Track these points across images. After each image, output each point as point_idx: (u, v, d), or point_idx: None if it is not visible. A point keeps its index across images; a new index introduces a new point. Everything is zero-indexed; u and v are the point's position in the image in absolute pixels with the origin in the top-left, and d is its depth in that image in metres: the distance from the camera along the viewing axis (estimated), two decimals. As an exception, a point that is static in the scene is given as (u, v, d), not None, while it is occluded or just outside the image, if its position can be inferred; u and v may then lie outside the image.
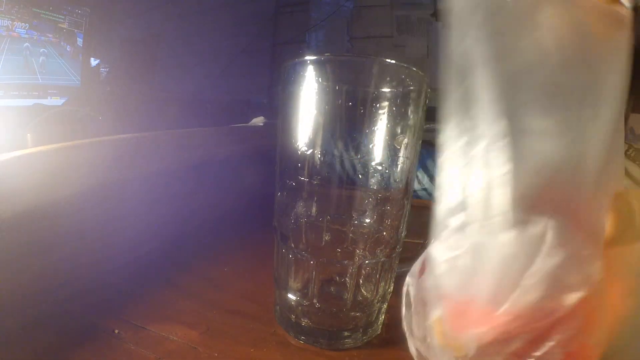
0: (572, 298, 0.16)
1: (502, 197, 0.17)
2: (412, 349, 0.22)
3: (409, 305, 0.23)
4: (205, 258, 0.38)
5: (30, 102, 0.83)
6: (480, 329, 0.17)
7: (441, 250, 0.20)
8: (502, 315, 0.17)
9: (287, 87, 0.25)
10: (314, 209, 0.26)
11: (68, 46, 0.91)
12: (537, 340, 0.17)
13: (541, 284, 0.16)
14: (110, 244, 0.34)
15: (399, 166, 0.25)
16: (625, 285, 0.18)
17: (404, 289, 0.23)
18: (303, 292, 0.27)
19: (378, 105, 0.23)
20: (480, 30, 0.17)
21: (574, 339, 0.16)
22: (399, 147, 0.24)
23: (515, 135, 0.16)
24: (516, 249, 0.17)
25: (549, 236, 0.16)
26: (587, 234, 0.17)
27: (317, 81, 0.24)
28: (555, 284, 0.16)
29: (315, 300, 0.26)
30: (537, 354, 0.17)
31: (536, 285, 0.16)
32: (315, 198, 0.25)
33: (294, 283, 0.27)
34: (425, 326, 0.21)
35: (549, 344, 0.16)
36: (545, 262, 0.16)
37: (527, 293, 0.16)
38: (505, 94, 0.16)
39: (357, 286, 0.26)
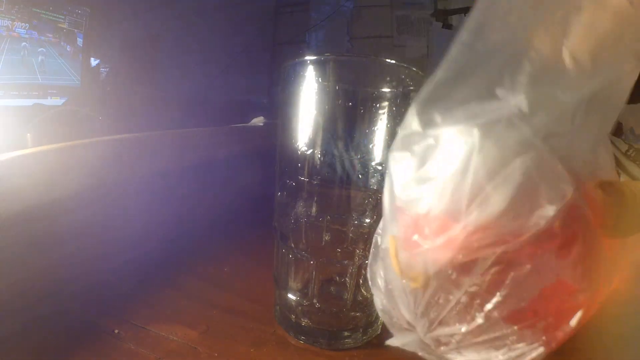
0: (543, 215, 0.13)
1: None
2: (378, 304, 0.20)
3: (375, 255, 0.21)
4: (205, 258, 0.38)
5: (30, 102, 0.83)
6: (436, 245, 0.15)
7: (398, 156, 0.17)
8: (461, 228, 0.14)
9: (287, 87, 0.25)
10: (314, 209, 0.26)
11: (68, 46, 0.91)
12: (504, 270, 0.14)
13: (506, 192, 0.14)
14: (110, 243, 0.34)
15: (399, 166, 0.25)
16: (624, 278, 0.17)
17: (374, 240, 0.21)
18: (303, 292, 0.27)
19: (378, 105, 0.23)
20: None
21: (551, 271, 0.14)
22: (399, 147, 0.24)
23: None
24: (482, 149, 0.14)
25: (518, 143, 0.14)
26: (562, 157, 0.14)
27: (317, 81, 0.24)
28: (523, 195, 0.14)
29: (315, 300, 0.26)
30: (505, 288, 0.14)
31: (500, 194, 0.14)
32: (315, 198, 0.25)
33: (294, 283, 0.27)
34: (387, 268, 0.18)
35: (519, 275, 0.14)
36: (512, 168, 0.14)
37: (489, 202, 0.14)
38: None
39: (357, 286, 0.26)
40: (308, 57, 0.24)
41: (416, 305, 0.17)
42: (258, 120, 0.73)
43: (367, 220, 0.26)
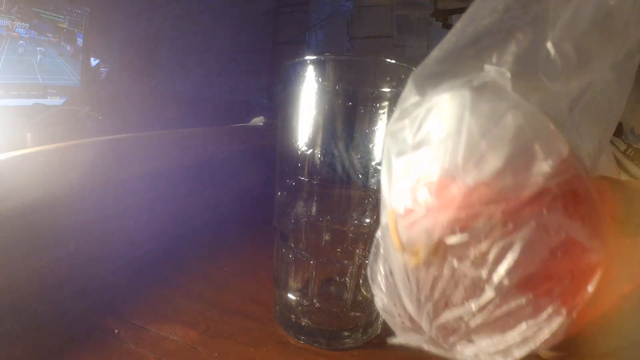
0: (541, 171, 0.13)
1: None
2: (378, 304, 0.20)
3: (376, 256, 0.20)
4: (205, 258, 0.38)
5: (30, 102, 0.83)
6: (435, 207, 0.14)
7: (395, 127, 0.17)
8: (459, 187, 0.14)
9: (287, 87, 0.25)
10: (314, 209, 0.25)
11: (68, 46, 0.91)
12: (510, 232, 0.14)
13: (501, 149, 0.14)
14: (110, 243, 0.34)
15: (399, 166, 0.25)
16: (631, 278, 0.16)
17: (374, 241, 0.21)
18: (303, 292, 0.27)
19: (378, 105, 0.23)
20: None
21: (559, 229, 0.14)
22: (399, 147, 0.24)
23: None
24: (474, 109, 0.14)
25: (509, 103, 0.14)
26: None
27: (317, 81, 0.24)
28: (518, 151, 0.14)
29: (315, 300, 0.26)
30: (513, 251, 0.13)
31: (495, 151, 0.14)
32: (315, 198, 0.25)
33: (294, 283, 0.27)
34: (387, 251, 0.18)
35: (526, 235, 0.13)
36: (504, 125, 0.14)
37: (485, 159, 0.14)
38: None
39: (357, 286, 0.26)
40: (308, 57, 0.24)
41: (419, 289, 0.16)
42: (258, 120, 0.73)
43: (367, 220, 0.26)
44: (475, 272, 0.14)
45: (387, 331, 0.28)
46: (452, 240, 0.14)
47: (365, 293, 0.27)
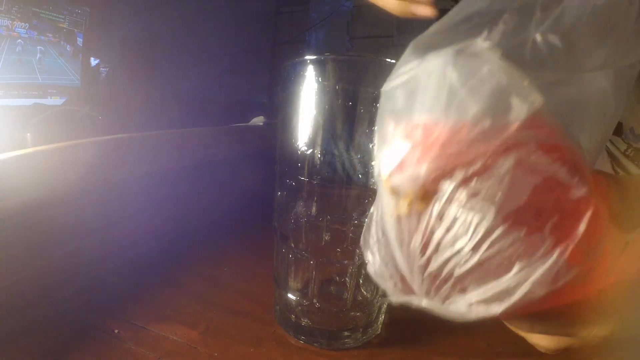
0: (516, 117, 0.15)
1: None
2: (371, 270, 0.20)
3: (369, 223, 0.21)
4: (205, 258, 0.38)
5: (30, 101, 0.83)
6: (422, 146, 0.16)
7: (390, 86, 0.19)
8: (442, 128, 0.15)
9: (287, 87, 0.25)
10: (314, 209, 0.25)
11: (68, 46, 0.91)
12: (496, 167, 0.15)
13: (480, 94, 0.15)
14: (110, 243, 0.34)
15: (399, 166, 0.25)
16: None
17: (369, 214, 0.22)
18: (303, 292, 0.27)
19: (378, 105, 0.23)
20: None
21: (541, 166, 0.15)
22: (399, 147, 0.24)
23: None
24: (456, 64, 0.16)
25: (488, 66, 0.16)
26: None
27: (317, 81, 0.24)
28: (495, 98, 0.15)
29: (315, 300, 0.26)
30: (499, 187, 0.14)
31: (474, 96, 0.15)
32: (315, 198, 0.25)
33: (294, 283, 0.27)
34: (380, 204, 0.19)
35: (510, 171, 0.14)
36: (482, 75, 0.15)
37: (465, 104, 0.15)
38: None
39: (357, 286, 0.26)
40: (308, 57, 0.24)
41: (410, 236, 0.16)
42: (258, 120, 0.73)
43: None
44: (464, 211, 0.15)
45: (387, 331, 0.28)
46: (438, 179, 0.15)
47: (365, 293, 0.27)
